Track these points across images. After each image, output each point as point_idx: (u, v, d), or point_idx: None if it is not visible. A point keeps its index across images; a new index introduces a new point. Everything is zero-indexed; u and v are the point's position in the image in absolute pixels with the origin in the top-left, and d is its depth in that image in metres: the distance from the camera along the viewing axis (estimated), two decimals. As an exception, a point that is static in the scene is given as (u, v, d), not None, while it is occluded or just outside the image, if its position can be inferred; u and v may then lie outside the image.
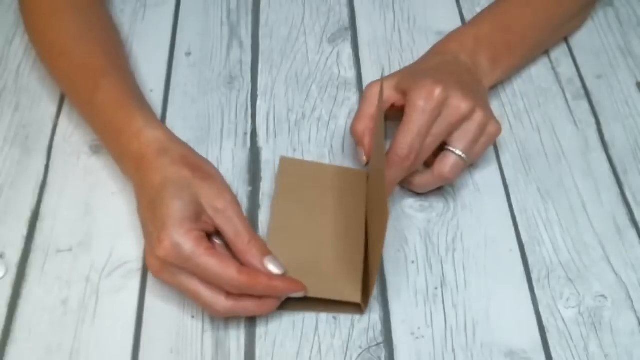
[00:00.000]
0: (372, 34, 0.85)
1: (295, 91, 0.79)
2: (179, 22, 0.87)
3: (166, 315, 0.62)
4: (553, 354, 0.60)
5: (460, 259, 0.66)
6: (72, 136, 0.75)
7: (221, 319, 0.62)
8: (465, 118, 0.65)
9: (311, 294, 0.61)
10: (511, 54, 0.76)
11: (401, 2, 0.89)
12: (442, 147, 0.67)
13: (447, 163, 0.66)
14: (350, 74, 0.81)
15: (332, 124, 0.76)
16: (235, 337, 0.61)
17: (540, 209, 0.70)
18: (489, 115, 0.67)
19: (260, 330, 0.61)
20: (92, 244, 0.67)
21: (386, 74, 0.81)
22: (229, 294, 0.58)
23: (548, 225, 0.68)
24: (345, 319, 0.62)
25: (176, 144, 0.64)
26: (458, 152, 0.66)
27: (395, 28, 0.86)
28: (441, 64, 0.70)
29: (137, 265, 0.65)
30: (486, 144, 0.68)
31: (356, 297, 0.61)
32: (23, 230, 0.68)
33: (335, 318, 0.62)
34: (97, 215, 0.69)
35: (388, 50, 0.84)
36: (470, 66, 0.72)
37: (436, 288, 0.64)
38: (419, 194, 0.70)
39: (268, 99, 0.79)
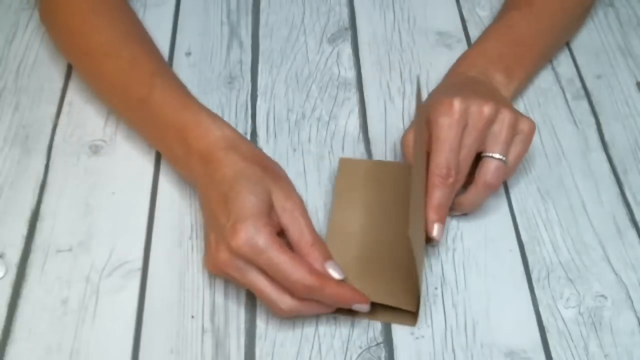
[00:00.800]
0: (372, 34, 0.85)
1: (295, 91, 0.79)
2: (179, 22, 0.87)
3: (166, 315, 0.62)
4: (553, 354, 0.60)
5: (460, 259, 0.66)
6: (72, 136, 0.75)
7: (221, 319, 0.62)
8: (492, 121, 0.64)
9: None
10: (522, 65, 0.76)
11: (401, 2, 0.89)
12: (478, 159, 0.66)
13: (488, 169, 0.64)
14: (350, 74, 0.81)
15: (332, 124, 0.76)
16: (235, 337, 0.61)
17: (540, 209, 0.70)
18: (517, 113, 0.66)
19: (260, 330, 0.61)
20: (92, 244, 0.67)
21: (385, 73, 0.81)
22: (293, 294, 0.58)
23: (548, 225, 0.68)
24: (345, 319, 0.62)
25: (246, 142, 0.64)
26: (496, 155, 0.64)
27: (395, 28, 0.86)
28: (453, 83, 0.70)
29: (137, 265, 0.65)
30: (524, 143, 0.66)
31: (411, 305, 0.60)
32: (23, 230, 0.68)
33: (335, 318, 0.62)
34: (97, 215, 0.69)
35: (388, 50, 0.84)
36: (484, 80, 0.71)
37: (436, 288, 0.64)
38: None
39: (268, 99, 0.79)
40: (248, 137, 0.75)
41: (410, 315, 0.61)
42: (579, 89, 0.80)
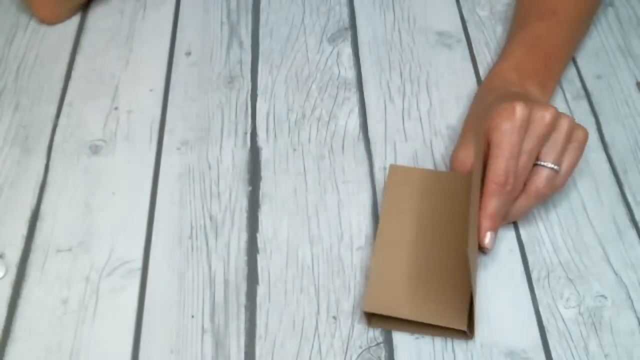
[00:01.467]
0: (372, 34, 0.85)
1: (295, 91, 0.79)
2: (179, 22, 0.87)
3: (166, 315, 0.62)
4: (553, 354, 0.60)
5: (460, 259, 0.66)
6: (72, 136, 0.75)
7: (221, 319, 0.62)
8: (552, 128, 0.64)
9: (417, 318, 0.59)
10: (554, 76, 0.76)
11: (401, 2, 0.89)
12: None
13: (540, 178, 0.64)
14: (350, 74, 0.81)
15: (332, 124, 0.76)
16: (235, 337, 0.61)
17: (540, 209, 0.69)
18: (574, 122, 0.65)
19: (260, 330, 0.61)
20: (92, 244, 0.67)
21: (386, 73, 0.81)
22: None
23: (548, 225, 0.68)
24: (345, 319, 0.62)
25: None
26: (549, 165, 0.64)
27: (395, 28, 0.86)
28: (500, 96, 0.69)
29: (137, 265, 0.65)
30: (578, 151, 0.65)
31: (462, 324, 0.59)
32: (23, 230, 0.68)
33: (335, 318, 0.62)
34: (97, 215, 0.69)
35: (388, 50, 0.83)
36: (524, 93, 0.71)
37: (436, 288, 0.64)
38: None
39: (268, 98, 0.79)
40: (248, 136, 0.75)
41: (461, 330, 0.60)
42: (579, 89, 0.80)
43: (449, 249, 0.63)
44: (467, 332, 0.59)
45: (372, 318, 0.61)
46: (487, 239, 0.62)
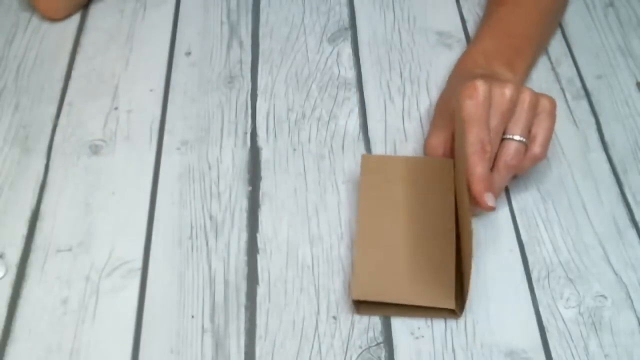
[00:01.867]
0: (372, 34, 0.85)
1: (295, 91, 0.79)
2: (179, 22, 0.87)
3: (166, 315, 0.62)
4: (553, 354, 0.60)
5: (460, 259, 0.66)
6: (72, 136, 0.75)
7: (221, 319, 0.62)
8: (514, 102, 0.65)
9: (406, 301, 0.60)
10: (522, 56, 0.77)
11: (401, 2, 0.89)
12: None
13: (508, 151, 0.65)
14: (350, 73, 0.81)
15: (332, 124, 0.76)
16: (235, 337, 0.61)
17: (540, 209, 0.69)
18: (536, 94, 0.67)
19: (260, 330, 0.61)
20: (92, 244, 0.67)
21: (385, 73, 0.81)
22: None
23: (548, 225, 0.68)
24: (345, 319, 0.62)
25: None
26: (516, 137, 0.65)
27: (395, 28, 0.86)
28: (466, 78, 0.70)
29: (137, 265, 0.65)
30: (548, 119, 0.67)
31: (450, 303, 0.60)
32: (23, 230, 0.68)
33: (335, 318, 0.62)
34: (97, 215, 0.69)
35: (388, 50, 0.83)
36: (490, 74, 0.72)
37: (436, 288, 0.64)
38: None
39: (268, 98, 0.79)
40: (248, 136, 0.75)
41: (450, 309, 0.61)
42: (579, 89, 0.80)
43: (430, 231, 0.64)
44: (456, 311, 0.60)
45: (360, 306, 0.61)
46: (488, 198, 0.63)
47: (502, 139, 0.66)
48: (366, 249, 0.62)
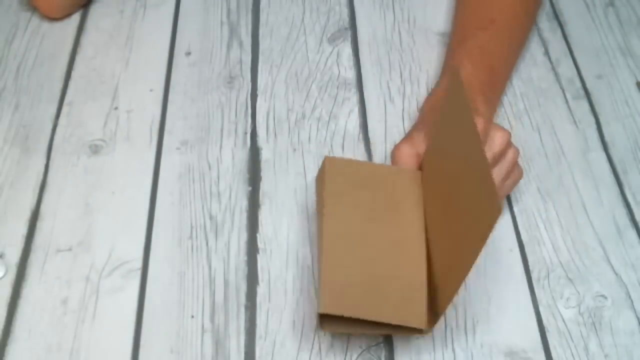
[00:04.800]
0: (372, 34, 0.85)
1: (295, 91, 0.79)
2: (179, 22, 0.87)
3: (166, 315, 0.62)
4: (553, 354, 0.60)
5: (460, 259, 0.66)
6: (72, 136, 0.75)
7: (221, 319, 0.62)
8: (503, 154, 0.64)
9: (373, 318, 0.56)
10: (497, 91, 0.76)
11: (401, 2, 0.89)
12: None
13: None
14: (350, 74, 0.81)
15: (332, 124, 0.76)
16: (235, 337, 0.61)
17: (540, 209, 0.69)
18: (517, 157, 0.66)
19: (260, 330, 0.61)
20: (92, 244, 0.67)
21: (385, 73, 0.81)
22: None
23: (548, 225, 0.68)
24: (345, 319, 0.62)
25: None
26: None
27: (395, 28, 0.86)
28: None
29: (137, 265, 0.65)
30: (511, 188, 0.67)
31: (421, 322, 0.56)
32: (23, 230, 0.68)
33: (335, 318, 0.62)
34: (97, 215, 0.69)
35: (388, 50, 0.83)
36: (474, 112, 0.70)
37: (436, 288, 0.64)
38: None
39: (268, 98, 0.79)
40: (248, 136, 0.75)
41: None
42: (579, 89, 0.80)
43: (400, 244, 0.60)
44: (424, 329, 0.57)
45: (324, 321, 0.57)
46: None
47: None
48: (334, 260, 0.58)
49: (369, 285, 0.57)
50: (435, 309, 0.58)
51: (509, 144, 0.64)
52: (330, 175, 0.63)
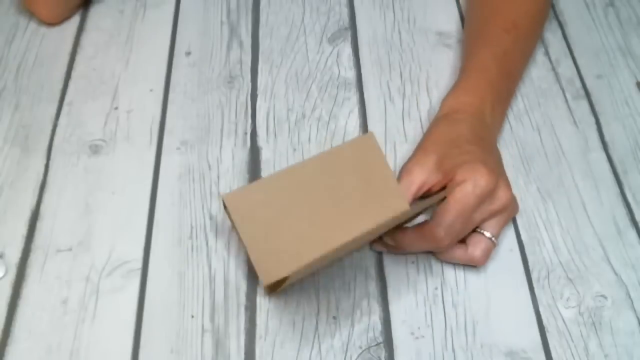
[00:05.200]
0: (372, 34, 0.85)
1: (295, 91, 0.79)
2: (179, 22, 0.87)
3: (166, 315, 0.62)
4: (553, 354, 0.60)
5: (460, 259, 0.66)
6: (72, 136, 0.75)
7: (221, 319, 0.62)
8: (505, 209, 0.64)
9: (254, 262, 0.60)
10: (509, 99, 0.75)
11: (401, 2, 0.89)
12: None
13: (480, 247, 0.63)
14: (350, 74, 0.81)
15: (332, 124, 0.76)
16: (235, 337, 0.61)
17: (540, 209, 0.69)
18: (516, 201, 0.66)
19: (260, 330, 0.61)
20: (92, 244, 0.67)
21: (385, 73, 0.81)
22: None
23: (548, 225, 0.68)
24: (345, 319, 0.62)
25: None
26: (488, 235, 0.64)
27: (395, 28, 0.86)
28: (474, 136, 0.67)
29: (137, 265, 0.65)
30: (505, 224, 0.66)
31: (268, 278, 0.60)
32: (23, 230, 0.68)
33: (335, 318, 0.62)
34: (97, 215, 0.69)
35: (388, 50, 0.83)
36: (492, 128, 0.70)
37: (436, 288, 0.64)
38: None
39: (268, 98, 0.79)
40: (248, 136, 0.75)
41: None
42: (579, 89, 0.80)
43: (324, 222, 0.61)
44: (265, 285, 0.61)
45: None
46: (381, 245, 0.65)
47: (477, 232, 0.63)
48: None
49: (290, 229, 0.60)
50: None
51: (511, 202, 0.64)
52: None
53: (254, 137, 0.75)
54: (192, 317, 0.62)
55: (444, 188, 0.63)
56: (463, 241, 0.64)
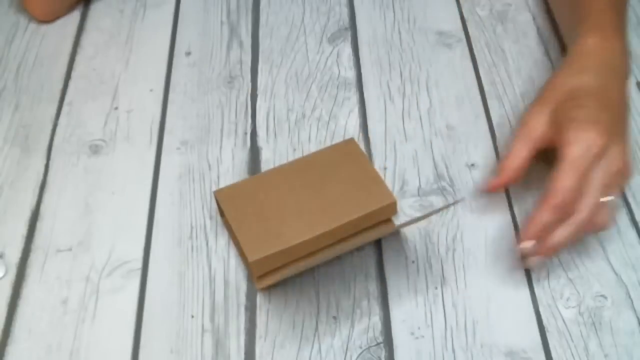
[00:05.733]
0: (372, 34, 0.85)
1: (295, 91, 0.79)
2: (179, 22, 0.87)
3: (166, 315, 0.62)
4: (553, 354, 0.60)
5: (460, 259, 0.66)
6: (72, 136, 0.75)
7: (221, 319, 0.62)
8: (619, 171, 0.63)
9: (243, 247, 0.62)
10: (624, 27, 0.72)
11: (401, 2, 0.89)
12: None
13: (606, 213, 0.62)
14: (350, 74, 0.81)
15: (332, 124, 0.76)
16: (235, 337, 0.61)
17: (540, 209, 0.69)
18: (628, 164, 0.64)
19: (260, 330, 0.61)
20: (92, 244, 0.67)
21: (385, 73, 0.81)
22: None
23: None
24: (345, 319, 0.62)
25: None
26: (609, 198, 0.63)
27: (395, 28, 0.86)
28: (598, 86, 0.65)
29: (137, 265, 0.65)
30: (620, 186, 0.65)
31: (252, 256, 0.61)
32: (23, 230, 0.68)
33: (335, 318, 0.62)
34: (97, 215, 0.69)
35: (388, 50, 0.83)
36: (620, 70, 0.68)
37: (436, 288, 0.64)
38: (419, 194, 0.70)
39: (268, 98, 0.79)
40: (248, 136, 0.75)
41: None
42: (579, 88, 0.80)
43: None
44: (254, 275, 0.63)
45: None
46: (527, 244, 0.62)
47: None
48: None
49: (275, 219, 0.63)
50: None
51: (626, 167, 0.63)
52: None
53: (254, 137, 0.75)
54: (192, 317, 0.62)
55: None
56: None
